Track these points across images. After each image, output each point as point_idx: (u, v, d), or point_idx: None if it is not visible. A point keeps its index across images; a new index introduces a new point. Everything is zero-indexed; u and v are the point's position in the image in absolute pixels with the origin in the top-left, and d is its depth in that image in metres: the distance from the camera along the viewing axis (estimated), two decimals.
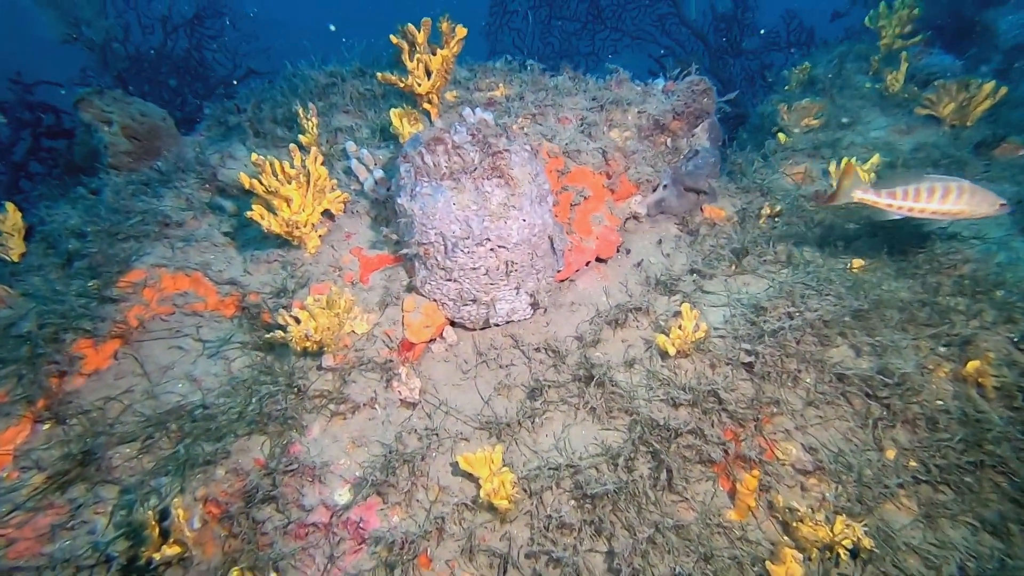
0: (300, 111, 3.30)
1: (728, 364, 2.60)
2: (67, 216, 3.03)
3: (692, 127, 3.58)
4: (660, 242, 3.49)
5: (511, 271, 2.59)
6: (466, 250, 2.46)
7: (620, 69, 3.77)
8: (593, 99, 3.62)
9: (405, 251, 2.60)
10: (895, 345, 2.52)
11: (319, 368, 2.54)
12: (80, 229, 2.82)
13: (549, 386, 2.71)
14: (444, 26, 3.31)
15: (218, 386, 2.45)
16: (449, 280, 2.60)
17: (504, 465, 2.28)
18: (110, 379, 2.44)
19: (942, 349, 2.57)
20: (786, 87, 6.24)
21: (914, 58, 5.45)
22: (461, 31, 3.37)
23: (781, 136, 4.69)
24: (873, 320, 2.63)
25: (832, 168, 3.79)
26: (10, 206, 2.92)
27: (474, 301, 2.68)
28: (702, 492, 2.36)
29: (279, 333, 2.38)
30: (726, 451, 2.37)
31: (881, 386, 2.41)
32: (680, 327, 2.68)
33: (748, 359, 2.55)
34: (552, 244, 2.74)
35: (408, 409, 2.58)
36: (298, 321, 2.43)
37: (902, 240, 3.16)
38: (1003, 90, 4.49)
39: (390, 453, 2.34)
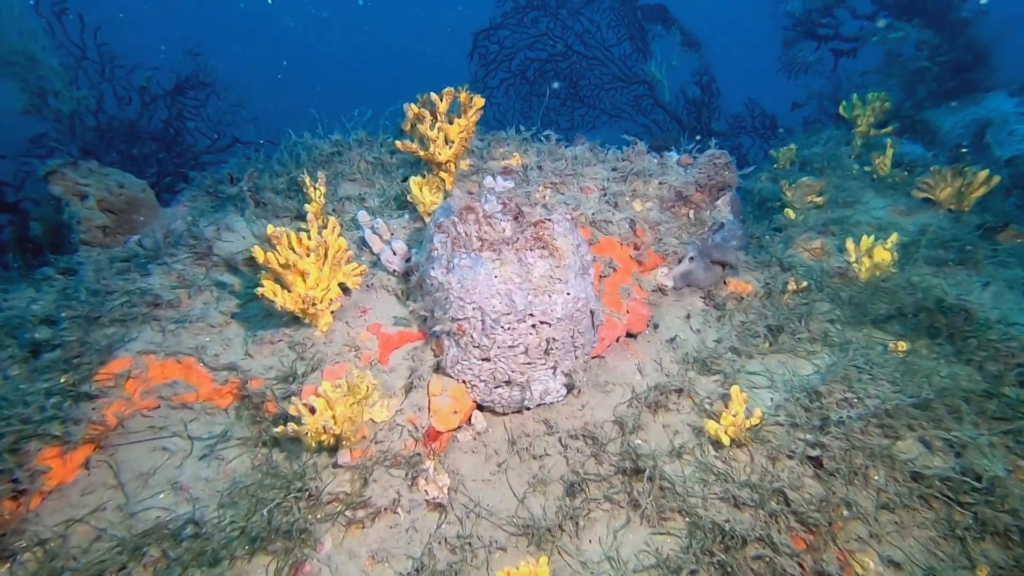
0: (307, 179, 3.11)
1: (790, 457, 2.35)
2: (30, 301, 2.65)
3: (714, 199, 3.51)
4: (688, 316, 3.32)
5: (551, 349, 2.35)
6: (507, 326, 2.22)
7: (638, 140, 3.73)
8: (614, 169, 3.54)
9: (438, 327, 2.33)
10: (975, 442, 2.33)
11: (334, 466, 2.19)
12: (50, 315, 2.45)
13: (590, 480, 2.41)
14: (463, 96, 3.23)
15: (211, 495, 2.07)
16: (483, 360, 2.34)
17: None
18: (76, 495, 2.02)
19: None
20: (775, 165, 6.45)
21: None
22: (479, 101, 3.29)
23: (789, 212, 4.72)
24: (939, 411, 2.45)
25: (850, 246, 3.75)
26: None
27: (508, 383, 2.41)
28: None
29: (291, 426, 2.04)
30: (801, 565, 2.08)
31: (967, 490, 2.19)
32: (732, 413, 2.45)
33: (815, 452, 2.31)
34: (592, 319, 2.52)
35: (435, 512, 2.23)
36: (312, 411, 2.11)
37: (944, 322, 3.06)
38: (996, 179, 4.67)
39: (419, 572, 1.97)
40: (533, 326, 2.26)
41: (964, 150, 6.69)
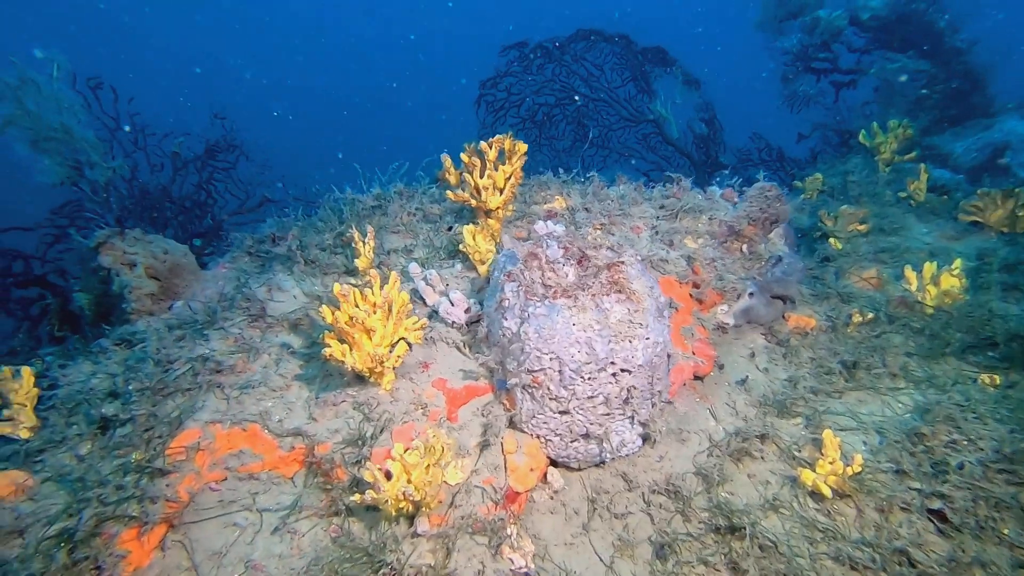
0: (355, 234, 3.06)
1: (905, 510, 2.16)
2: (89, 376, 2.58)
3: (766, 232, 3.42)
4: (753, 355, 3.17)
5: (630, 398, 2.22)
6: (587, 376, 2.09)
7: (682, 177, 3.68)
8: (661, 207, 3.48)
9: (512, 380, 2.22)
10: None
11: (414, 535, 2.04)
12: (115, 389, 2.37)
13: (680, 541, 2.23)
14: (507, 143, 3.21)
15: (286, 572, 1.92)
16: (561, 412, 2.21)
17: None
18: None
19: None
20: (803, 195, 6.37)
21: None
22: (522, 146, 3.27)
23: (833, 242, 4.60)
24: None
25: (910, 274, 3.61)
26: (26, 371, 2.43)
27: (586, 436, 2.27)
28: None
29: (369, 494, 1.91)
30: None
31: None
32: (829, 460, 2.28)
33: (936, 505, 2.11)
34: (668, 364, 2.39)
35: None
36: (388, 476, 1.98)
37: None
38: None
39: None
40: (614, 374, 2.14)
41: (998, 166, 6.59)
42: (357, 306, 2.24)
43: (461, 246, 3.02)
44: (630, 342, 2.10)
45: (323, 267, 3.24)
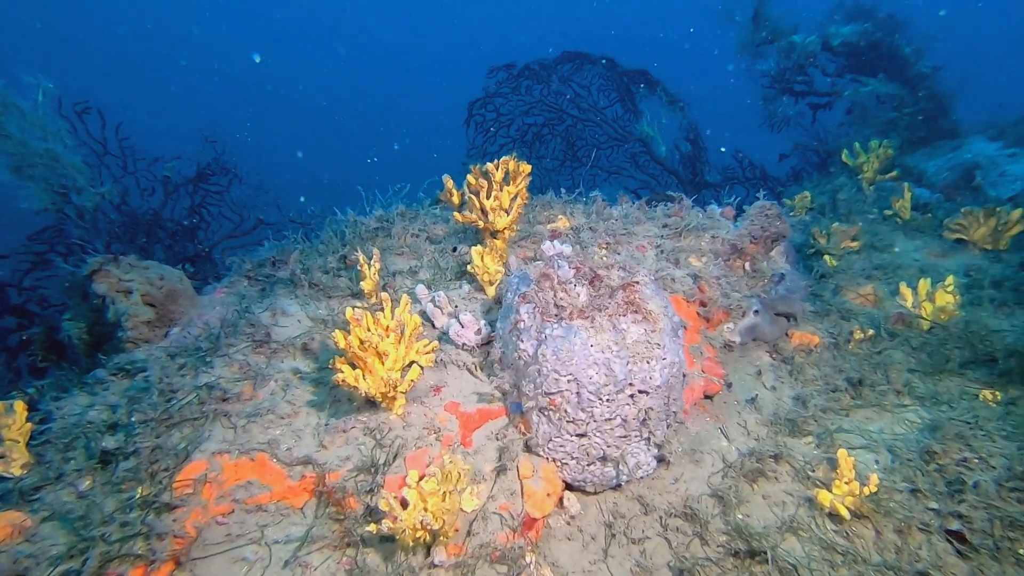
0: (360, 257, 3.02)
1: (923, 530, 2.14)
2: (85, 408, 2.48)
3: (768, 250, 3.44)
4: (760, 373, 3.17)
5: (647, 419, 2.19)
6: (606, 398, 2.06)
7: (683, 196, 3.71)
8: (664, 226, 3.49)
9: (528, 403, 2.18)
10: None
11: (432, 566, 1.98)
12: (119, 421, 2.28)
13: (699, 566, 2.18)
14: (511, 164, 3.21)
15: None
16: (578, 435, 2.17)
17: None
18: None
19: None
20: (792, 213, 6.46)
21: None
22: (526, 167, 3.28)
23: (828, 259, 4.66)
24: None
25: (905, 291, 3.65)
26: (19, 405, 2.31)
27: (603, 458, 2.23)
28: None
29: (386, 524, 1.85)
30: None
31: None
32: (845, 480, 2.26)
33: (955, 525, 2.10)
34: (683, 384, 2.37)
35: None
36: (404, 504, 1.92)
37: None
38: None
39: None
40: (631, 396, 2.12)
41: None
42: (369, 330, 2.19)
43: (469, 267, 3.00)
44: (648, 363, 2.08)
45: (327, 290, 3.19)
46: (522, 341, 2.19)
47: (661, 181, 11.60)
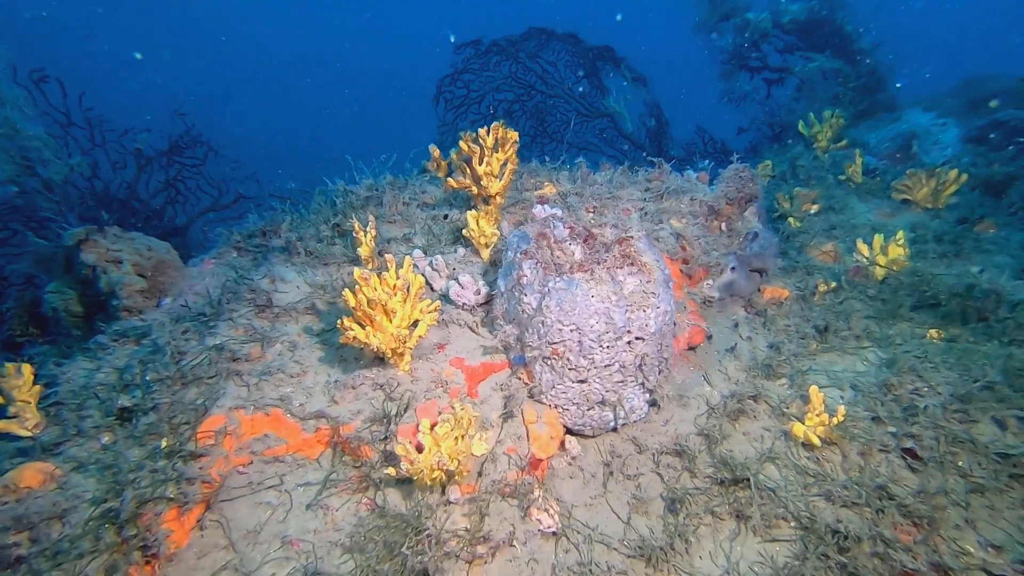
0: (356, 224, 3.05)
1: (884, 451, 2.37)
2: (92, 371, 2.48)
3: (742, 211, 3.61)
4: (736, 325, 3.36)
5: (643, 365, 2.33)
6: (606, 345, 2.19)
7: (662, 161, 3.82)
8: (647, 190, 3.61)
9: (531, 353, 2.29)
10: None
11: (447, 503, 2.09)
12: (132, 381, 2.29)
13: (689, 495, 2.37)
14: (500, 132, 3.25)
15: (323, 545, 1.93)
16: (579, 382, 2.30)
17: None
18: (192, 559, 1.86)
19: None
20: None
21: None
22: (513, 134, 3.33)
23: (792, 221, 4.89)
24: (1005, 391, 2.52)
25: (862, 246, 3.90)
26: (27, 368, 2.32)
27: (601, 403, 2.37)
28: None
29: (404, 465, 1.95)
30: (915, 558, 2.07)
31: None
32: (816, 413, 2.47)
33: (909, 444, 2.33)
34: (673, 332, 2.52)
35: (550, 542, 2.14)
36: (419, 449, 2.02)
37: (976, 306, 3.19)
38: (964, 176, 4.98)
39: None
40: (628, 342, 2.25)
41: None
42: (376, 288, 2.25)
43: (464, 231, 3.06)
44: (644, 311, 2.21)
45: (323, 258, 3.20)
46: (525, 295, 2.29)
47: (630, 156, 11.72)
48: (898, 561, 2.07)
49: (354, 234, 3.05)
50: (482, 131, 3.09)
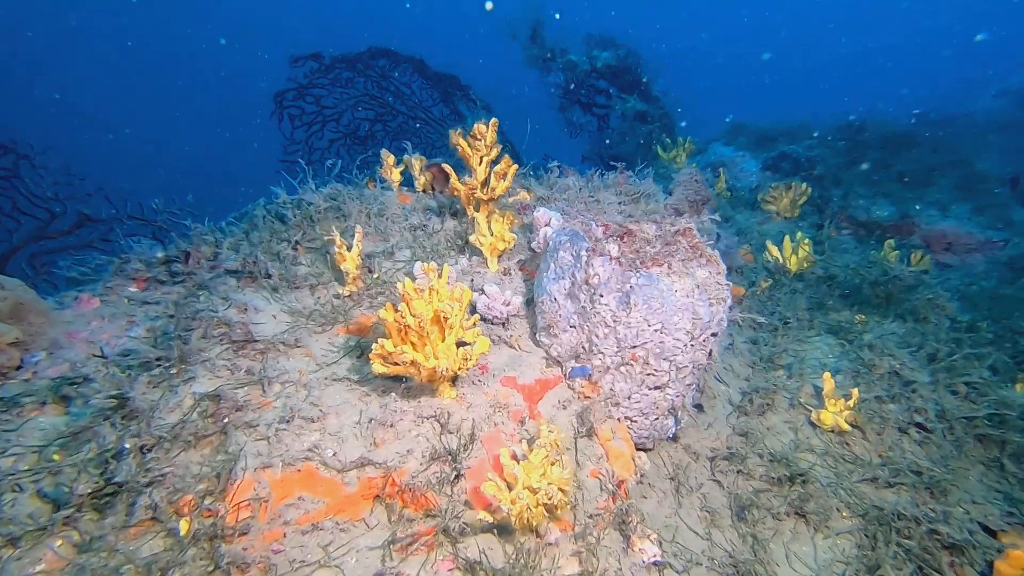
0: (335, 237, 2.49)
1: (896, 428, 2.54)
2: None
3: (699, 213, 3.74)
4: None
5: (710, 363, 2.21)
6: (690, 344, 2.02)
7: (621, 165, 3.82)
8: (620, 193, 3.56)
9: (603, 362, 2.02)
10: (986, 381, 2.77)
11: (546, 545, 1.72)
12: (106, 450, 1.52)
13: (753, 502, 2.29)
14: (481, 129, 2.96)
15: None
16: (655, 388, 2.09)
17: None
18: None
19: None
20: None
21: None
22: (494, 122, 3.04)
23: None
24: (948, 361, 2.89)
25: (772, 248, 4.29)
26: None
27: (671, 409, 2.19)
28: None
29: (505, 505, 1.56)
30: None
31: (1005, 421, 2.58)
32: (835, 400, 2.58)
33: (920, 419, 2.53)
34: None
35: (652, 573, 1.89)
36: (510, 487, 1.64)
37: (885, 292, 3.67)
38: (808, 189, 5.86)
39: None
40: (704, 340, 2.11)
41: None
42: (436, 300, 1.82)
43: (471, 238, 2.68)
44: (721, 304, 2.09)
45: (290, 281, 2.55)
46: (601, 296, 2.02)
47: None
48: (945, 534, 2.19)
49: (335, 249, 2.49)
50: (479, 125, 2.76)
